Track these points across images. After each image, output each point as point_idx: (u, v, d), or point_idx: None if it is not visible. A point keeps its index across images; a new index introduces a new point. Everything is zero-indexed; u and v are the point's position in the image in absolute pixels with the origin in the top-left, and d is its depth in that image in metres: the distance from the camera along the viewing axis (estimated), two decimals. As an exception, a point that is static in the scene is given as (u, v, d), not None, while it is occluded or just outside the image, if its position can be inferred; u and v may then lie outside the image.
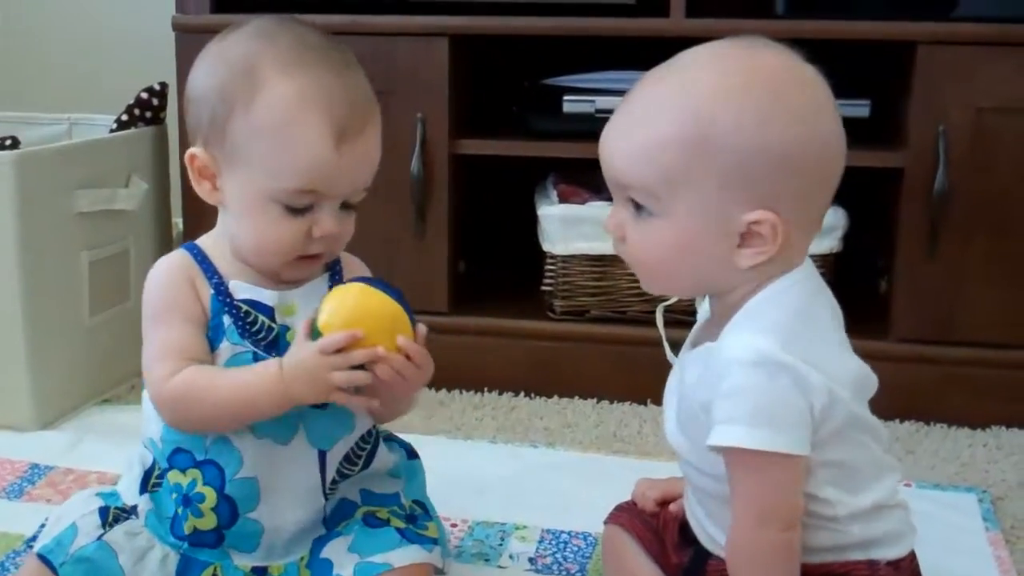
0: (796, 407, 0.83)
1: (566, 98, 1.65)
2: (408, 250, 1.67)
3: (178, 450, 1.00)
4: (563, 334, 1.66)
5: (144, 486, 1.03)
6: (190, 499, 0.99)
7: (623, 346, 1.63)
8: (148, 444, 1.03)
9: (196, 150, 0.98)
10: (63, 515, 1.02)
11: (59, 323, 1.56)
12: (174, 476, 1.00)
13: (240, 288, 0.99)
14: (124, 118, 1.73)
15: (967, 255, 1.55)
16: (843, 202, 1.56)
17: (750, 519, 0.86)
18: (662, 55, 0.90)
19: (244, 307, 0.99)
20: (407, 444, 1.12)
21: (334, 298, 0.96)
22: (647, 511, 1.06)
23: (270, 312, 0.99)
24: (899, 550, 0.91)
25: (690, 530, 0.99)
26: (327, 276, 1.04)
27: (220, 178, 0.98)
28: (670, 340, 1.00)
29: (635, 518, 1.05)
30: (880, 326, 1.60)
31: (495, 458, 1.45)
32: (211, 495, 0.99)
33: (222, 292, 0.99)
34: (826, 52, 0.92)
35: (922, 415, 1.57)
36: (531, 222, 1.70)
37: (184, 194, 1.63)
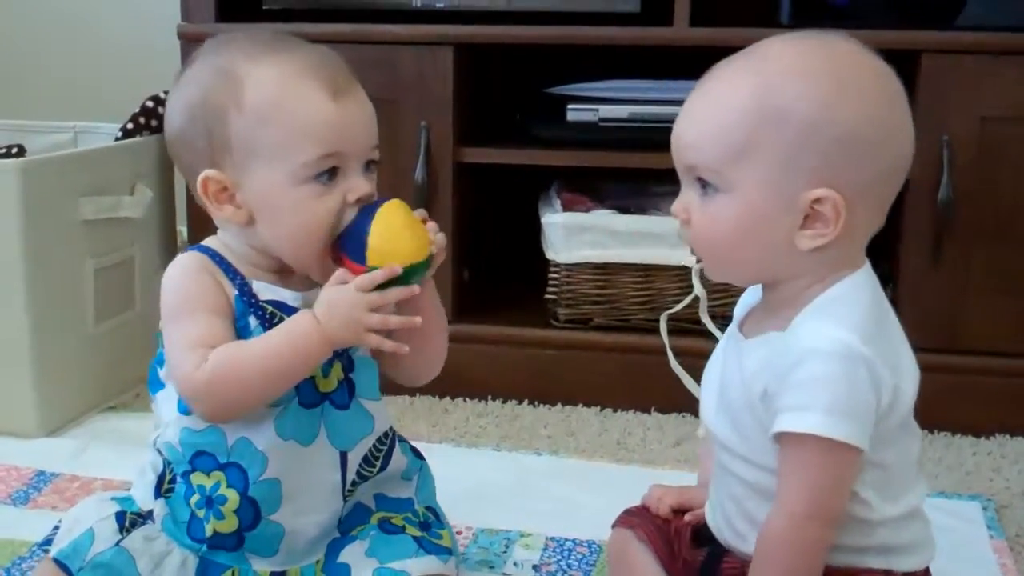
0: (868, 401, 0.84)
1: (570, 107, 1.65)
2: (412, 258, 1.67)
3: (199, 453, 0.98)
4: (567, 342, 1.66)
5: (158, 491, 1.03)
6: (212, 501, 0.99)
7: (627, 354, 1.63)
8: (164, 449, 1.01)
9: (208, 172, 0.97)
10: (78, 519, 1.00)
11: (64, 330, 1.56)
12: (197, 478, 0.99)
13: (263, 289, 0.98)
14: (129, 126, 1.74)
15: (971, 264, 1.55)
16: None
17: (800, 510, 0.85)
18: (666, 64, 0.91)
19: (269, 308, 0.98)
20: (410, 444, 1.12)
21: (381, 220, 0.95)
22: (661, 516, 1.05)
23: (294, 313, 0.97)
24: (916, 562, 0.91)
25: (703, 532, 0.98)
26: None
27: (240, 191, 0.96)
28: (674, 348, 1.00)
29: (648, 522, 1.04)
30: (884, 334, 1.60)
31: (499, 466, 1.45)
32: (234, 497, 0.98)
33: (246, 293, 0.98)
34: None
35: (926, 423, 1.54)
36: (535, 230, 1.70)
37: (189, 202, 1.64)
